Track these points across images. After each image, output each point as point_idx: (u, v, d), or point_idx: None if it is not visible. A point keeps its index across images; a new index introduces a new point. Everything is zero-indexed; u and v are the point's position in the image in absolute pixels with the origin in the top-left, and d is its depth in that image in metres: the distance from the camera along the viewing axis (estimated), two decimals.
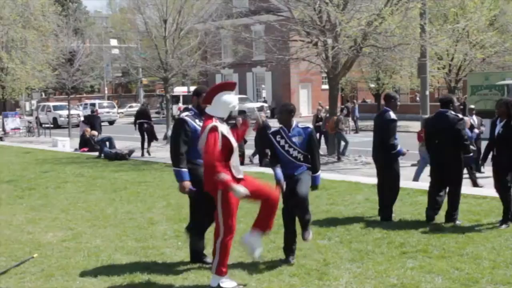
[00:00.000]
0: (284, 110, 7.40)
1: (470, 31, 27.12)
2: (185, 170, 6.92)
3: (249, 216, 8.20)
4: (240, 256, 7.45)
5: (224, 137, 6.29)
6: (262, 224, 6.63)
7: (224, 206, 6.33)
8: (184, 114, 7.17)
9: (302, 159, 7.31)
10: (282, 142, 7.33)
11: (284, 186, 7.11)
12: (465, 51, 24.08)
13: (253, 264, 7.19)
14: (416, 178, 14.25)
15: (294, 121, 7.43)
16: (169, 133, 21.25)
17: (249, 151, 19.69)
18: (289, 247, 7.41)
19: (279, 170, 7.20)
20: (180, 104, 55.03)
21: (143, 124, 22.25)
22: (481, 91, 28.88)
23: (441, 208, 9.34)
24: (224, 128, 6.38)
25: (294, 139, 7.28)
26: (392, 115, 9.25)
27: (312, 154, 7.37)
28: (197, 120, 7.01)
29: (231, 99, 6.48)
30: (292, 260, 7.30)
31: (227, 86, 6.60)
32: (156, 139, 22.64)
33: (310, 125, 7.62)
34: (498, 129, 8.70)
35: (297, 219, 7.40)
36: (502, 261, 7.11)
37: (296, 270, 6.99)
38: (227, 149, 6.33)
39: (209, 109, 6.47)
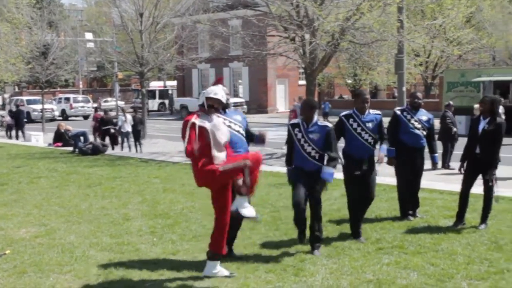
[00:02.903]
0: (307, 105, 7.51)
1: (447, 27, 27.34)
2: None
3: None
4: None
5: (204, 131, 6.26)
6: (214, 245, 6.59)
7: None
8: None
9: (316, 157, 7.38)
10: (299, 135, 7.43)
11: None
12: (442, 47, 24.24)
13: (228, 260, 7.14)
14: None
15: (315, 117, 7.49)
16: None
17: None
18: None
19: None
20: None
21: (109, 130, 23.08)
22: (457, 87, 29.12)
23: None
24: (208, 124, 6.32)
25: (311, 136, 7.37)
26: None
27: (327, 152, 7.41)
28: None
29: (211, 89, 6.51)
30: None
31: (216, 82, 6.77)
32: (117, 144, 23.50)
33: (329, 124, 7.65)
34: (483, 125, 8.66)
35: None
36: (476, 257, 7.16)
37: (272, 266, 6.96)
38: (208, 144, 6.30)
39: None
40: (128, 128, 22.57)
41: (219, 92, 6.48)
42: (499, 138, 8.57)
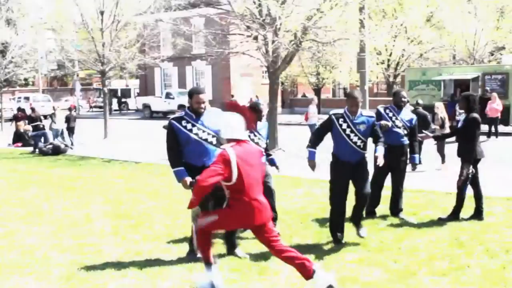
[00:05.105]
0: (254, 110, 7.95)
1: (408, 26, 27.64)
2: (181, 168, 6.90)
3: None
4: (181, 251, 7.35)
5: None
6: None
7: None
8: (173, 116, 7.20)
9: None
10: (251, 136, 7.79)
11: None
12: (403, 46, 24.53)
13: (193, 260, 7.09)
14: None
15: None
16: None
17: None
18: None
19: None
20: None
21: (39, 126, 23.77)
22: (418, 86, 29.49)
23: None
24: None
25: (262, 132, 8.16)
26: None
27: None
28: (183, 122, 6.95)
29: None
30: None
31: None
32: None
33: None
34: (461, 123, 9.01)
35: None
36: (438, 253, 7.26)
37: (237, 265, 6.94)
38: None
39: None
40: (58, 125, 23.17)
41: None
42: (471, 133, 8.77)
